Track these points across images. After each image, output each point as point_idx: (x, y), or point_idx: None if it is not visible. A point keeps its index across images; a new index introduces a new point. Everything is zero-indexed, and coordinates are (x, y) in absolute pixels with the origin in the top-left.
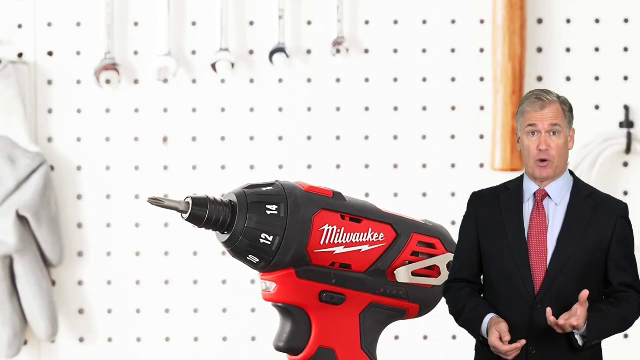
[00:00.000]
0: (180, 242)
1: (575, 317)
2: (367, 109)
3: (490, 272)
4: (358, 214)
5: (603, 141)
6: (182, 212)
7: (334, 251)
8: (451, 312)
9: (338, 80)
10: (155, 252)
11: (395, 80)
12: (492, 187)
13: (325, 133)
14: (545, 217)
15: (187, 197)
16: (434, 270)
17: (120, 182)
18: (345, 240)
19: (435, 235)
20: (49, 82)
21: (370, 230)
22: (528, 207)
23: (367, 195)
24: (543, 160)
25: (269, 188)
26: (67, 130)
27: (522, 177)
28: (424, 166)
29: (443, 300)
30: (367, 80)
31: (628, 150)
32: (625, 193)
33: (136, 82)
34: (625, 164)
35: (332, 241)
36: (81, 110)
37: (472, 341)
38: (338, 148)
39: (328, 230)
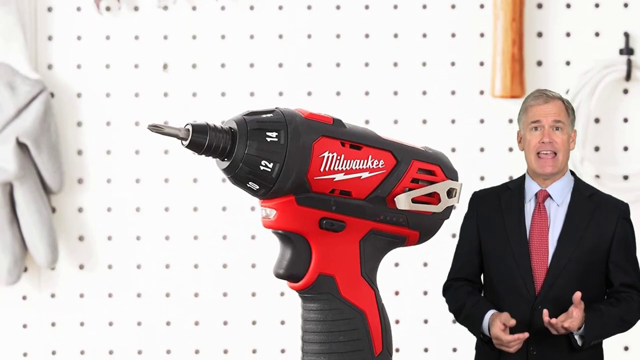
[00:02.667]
0: (180, 169)
1: (570, 320)
2: (367, 35)
3: (491, 271)
4: (358, 141)
5: (603, 68)
6: (182, 139)
7: (334, 178)
8: (451, 309)
9: (338, 7)
10: (155, 179)
11: (395, 7)
12: (493, 187)
13: (325, 60)
14: (546, 217)
15: (187, 124)
16: (433, 197)
17: (120, 109)
18: (345, 167)
19: (435, 162)
20: (49, 9)
21: (370, 157)
22: (529, 207)
23: (367, 122)
24: (546, 153)
25: (268, 115)
26: (67, 57)
27: (523, 177)
28: (424, 93)
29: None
30: (366, 7)
31: (628, 77)
32: (625, 120)
33: (136, 9)
34: (625, 91)
35: (332, 168)
36: (81, 37)
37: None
38: (338, 75)
39: (328, 157)
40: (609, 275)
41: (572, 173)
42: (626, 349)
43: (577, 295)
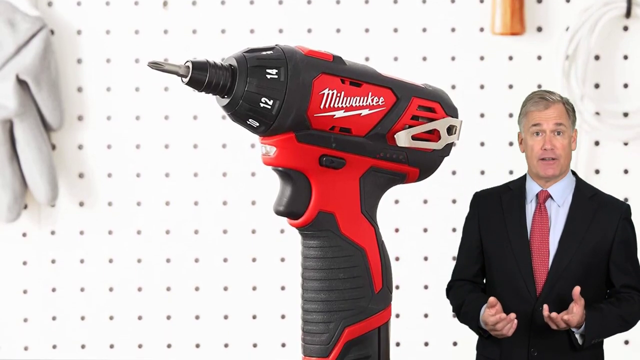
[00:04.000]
0: (180, 106)
1: (571, 315)
2: None
3: (492, 272)
4: (358, 78)
5: (603, 5)
6: (182, 76)
7: (334, 115)
8: (453, 309)
9: None
10: (155, 116)
11: None
12: (495, 187)
13: None
14: (547, 218)
15: (187, 61)
16: (433, 134)
17: (120, 45)
18: (345, 104)
19: (435, 99)
20: None
21: (370, 94)
22: (530, 208)
23: (367, 59)
24: (548, 159)
25: (269, 52)
26: None
27: (524, 177)
28: (424, 30)
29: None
30: None
31: (628, 14)
32: (625, 57)
33: None
34: (625, 28)
35: (332, 105)
36: None
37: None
38: (338, 11)
39: (328, 94)
40: (610, 276)
41: (574, 173)
42: (626, 342)
43: (577, 290)
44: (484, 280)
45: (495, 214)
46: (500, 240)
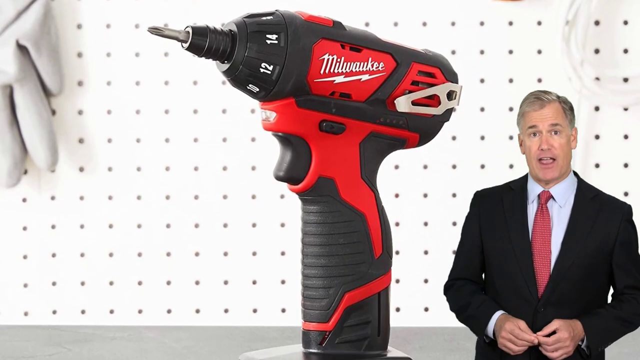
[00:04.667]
0: (180, 72)
1: (559, 333)
2: None
3: (493, 273)
4: (358, 43)
5: None
6: (182, 41)
7: (334, 80)
8: (453, 309)
9: None
10: (155, 82)
11: None
12: (495, 187)
13: None
14: (549, 219)
15: (187, 26)
16: (434, 100)
17: (120, 10)
18: (345, 69)
19: (435, 65)
20: None
21: (370, 59)
22: (532, 208)
23: (366, 24)
24: (546, 160)
25: (268, 17)
26: None
27: (525, 177)
28: None
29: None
30: None
31: None
32: (625, 22)
33: None
34: None
35: (332, 70)
36: None
37: None
38: None
39: (328, 59)
40: (613, 278)
41: (575, 174)
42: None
43: (550, 328)
44: (483, 280)
45: (497, 214)
46: (502, 241)
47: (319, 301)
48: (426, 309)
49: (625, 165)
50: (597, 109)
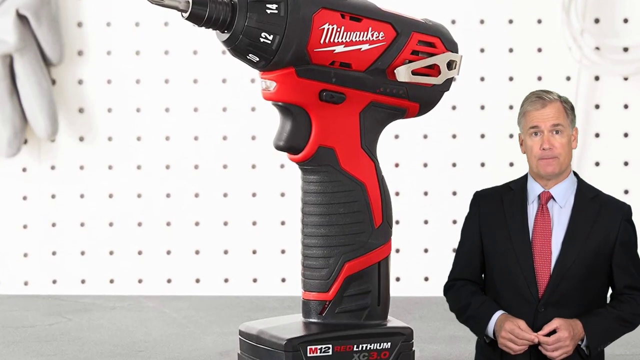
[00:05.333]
0: (180, 41)
1: (559, 332)
2: None
3: (493, 273)
4: (358, 13)
5: None
6: (182, 11)
7: (334, 50)
8: (453, 309)
9: None
10: (155, 51)
11: None
12: (495, 187)
13: None
14: (549, 219)
15: None
16: (434, 70)
17: None
18: (345, 39)
19: (435, 34)
20: None
21: (370, 29)
22: (532, 209)
23: None
24: (548, 158)
25: None
26: None
27: (525, 177)
28: None
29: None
30: None
31: None
32: None
33: None
34: None
35: (332, 40)
36: None
37: None
38: None
39: (328, 29)
40: (613, 278)
41: (575, 174)
42: None
43: (550, 327)
44: (483, 280)
45: (497, 214)
46: (502, 241)
47: (319, 271)
48: (426, 279)
49: (625, 135)
50: (597, 78)
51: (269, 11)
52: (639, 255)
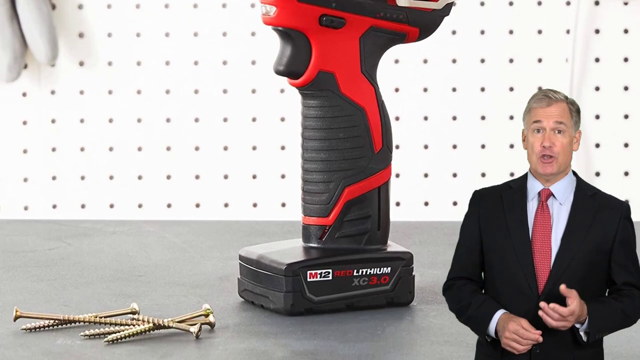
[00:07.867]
0: None
1: (572, 305)
2: None
3: (493, 271)
4: None
5: None
6: None
7: None
8: (453, 309)
9: None
10: None
11: None
12: (495, 186)
13: None
14: (549, 216)
15: None
16: None
17: None
18: None
19: None
20: None
21: None
22: (532, 206)
23: None
24: (547, 157)
25: None
26: None
27: (525, 175)
28: None
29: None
30: None
31: None
32: None
33: None
34: None
35: None
36: None
37: None
38: None
39: None
40: (612, 275)
41: (574, 173)
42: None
43: (562, 287)
44: (483, 278)
45: (496, 212)
46: (502, 238)
47: (319, 195)
48: (426, 204)
49: (625, 60)
50: (597, 3)
51: None
52: (637, 253)
